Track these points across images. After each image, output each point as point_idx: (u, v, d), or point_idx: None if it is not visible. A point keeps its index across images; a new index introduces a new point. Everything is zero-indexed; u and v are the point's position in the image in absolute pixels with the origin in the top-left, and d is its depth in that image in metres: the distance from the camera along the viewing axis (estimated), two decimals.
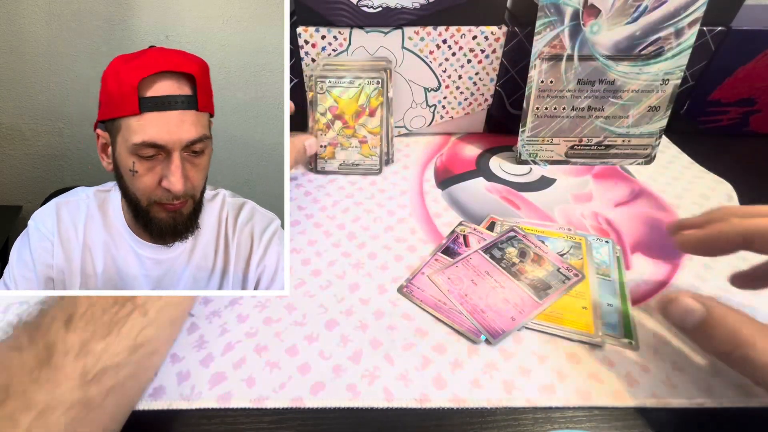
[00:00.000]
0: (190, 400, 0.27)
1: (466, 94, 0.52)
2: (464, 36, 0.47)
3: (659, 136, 0.48)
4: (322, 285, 0.35)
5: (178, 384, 0.28)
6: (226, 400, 0.27)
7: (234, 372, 0.29)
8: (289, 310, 0.33)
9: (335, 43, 0.48)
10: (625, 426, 0.26)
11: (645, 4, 0.41)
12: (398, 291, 0.34)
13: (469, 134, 0.57)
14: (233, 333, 0.31)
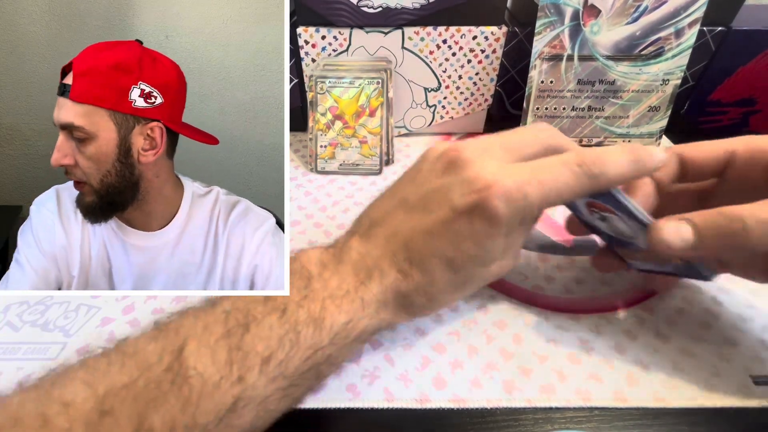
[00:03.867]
0: None
1: (466, 94, 0.52)
2: (464, 36, 0.47)
3: (659, 136, 0.48)
4: None
5: None
6: None
7: None
8: None
9: (335, 44, 0.48)
10: (625, 426, 0.26)
11: (645, 4, 0.41)
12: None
13: (469, 134, 0.57)
14: None
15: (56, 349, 0.30)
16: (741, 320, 0.32)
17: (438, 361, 0.29)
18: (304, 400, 0.25)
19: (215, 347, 0.21)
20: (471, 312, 0.33)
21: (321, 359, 0.23)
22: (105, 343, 0.31)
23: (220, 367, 0.20)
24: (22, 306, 0.33)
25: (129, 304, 0.33)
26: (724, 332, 0.31)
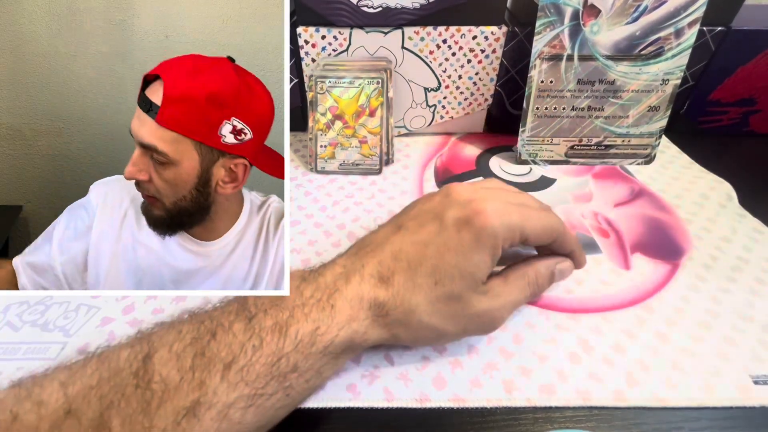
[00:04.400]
0: None
1: (466, 94, 0.52)
2: (464, 36, 0.47)
3: (659, 136, 0.48)
4: None
5: None
6: None
7: None
8: None
9: (335, 43, 0.48)
10: (625, 426, 0.26)
11: (645, 4, 0.41)
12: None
13: (469, 134, 0.57)
14: None
15: (56, 349, 0.30)
16: (741, 320, 0.32)
17: (438, 361, 0.29)
18: (279, 417, 0.24)
19: (182, 354, 0.21)
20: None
21: (286, 368, 0.22)
22: (105, 343, 0.31)
23: (183, 373, 0.21)
24: (22, 306, 0.33)
25: (129, 304, 0.33)
26: (724, 332, 0.31)
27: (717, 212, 0.42)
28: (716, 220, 0.41)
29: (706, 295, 0.34)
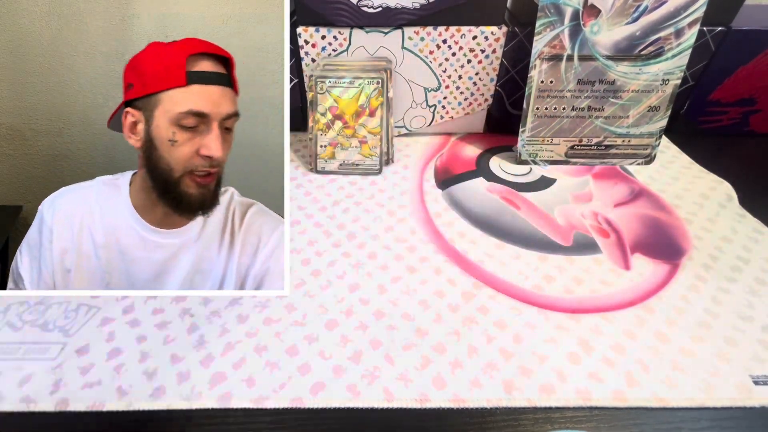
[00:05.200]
0: (190, 400, 0.27)
1: (466, 94, 0.52)
2: (464, 36, 0.47)
3: (659, 136, 0.48)
4: (322, 285, 0.35)
5: (178, 384, 0.28)
6: (226, 400, 0.27)
7: (234, 372, 0.29)
8: (289, 310, 0.33)
9: (335, 43, 0.48)
10: (625, 426, 0.26)
11: (645, 4, 0.41)
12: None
13: (469, 134, 0.57)
14: (233, 333, 0.31)
15: (56, 349, 0.30)
16: (741, 320, 0.32)
17: (438, 361, 0.29)
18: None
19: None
20: (471, 312, 0.33)
21: None
22: (105, 343, 0.31)
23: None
24: (22, 306, 0.33)
25: (129, 304, 0.33)
26: (724, 332, 0.31)
27: (717, 212, 0.42)
28: (716, 220, 0.41)
29: (706, 295, 0.34)
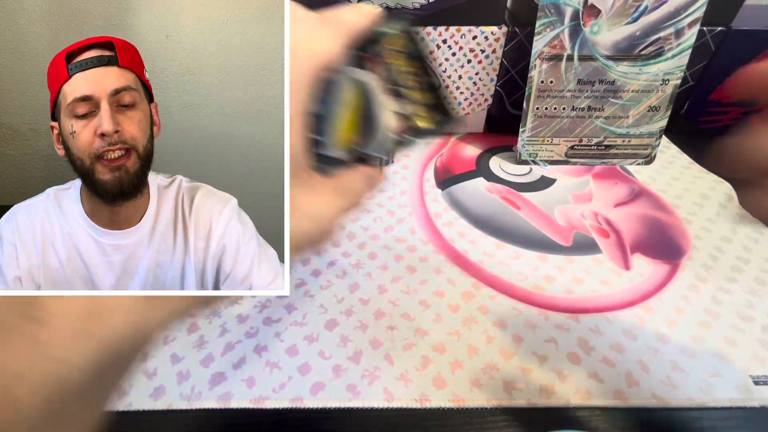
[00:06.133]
0: (190, 400, 0.27)
1: (466, 94, 0.52)
2: (464, 36, 0.47)
3: (659, 136, 0.48)
4: (322, 285, 0.35)
5: (178, 384, 0.28)
6: (226, 400, 0.27)
7: (234, 372, 0.29)
8: (289, 310, 0.33)
9: None
10: (625, 426, 0.26)
11: (645, 4, 0.41)
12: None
13: (469, 134, 0.57)
14: (233, 333, 0.31)
15: None
16: (741, 320, 0.32)
17: (438, 361, 0.29)
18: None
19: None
20: (471, 312, 0.33)
21: None
22: None
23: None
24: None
25: None
26: (724, 332, 0.31)
27: (717, 212, 0.42)
28: (716, 220, 0.41)
29: (706, 295, 0.34)
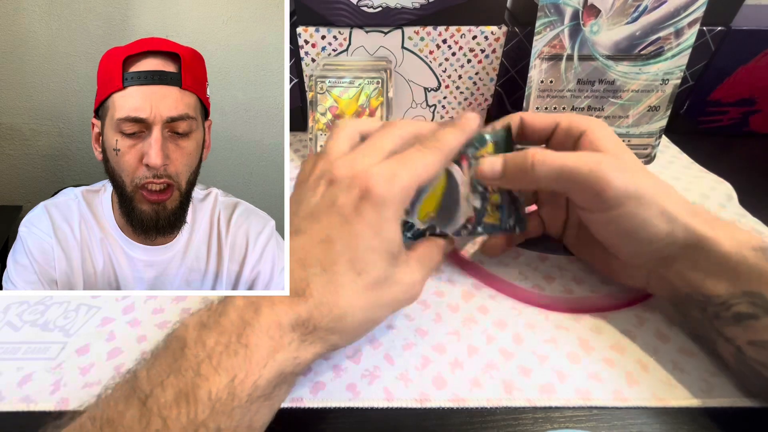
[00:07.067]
0: None
1: (466, 94, 0.52)
2: (464, 36, 0.47)
3: (659, 136, 0.48)
4: None
5: None
6: None
7: None
8: None
9: (335, 43, 0.48)
10: (625, 426, 0.26)
11: (645, 4, 0.41)
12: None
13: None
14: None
15: (56, 348, 0.30)
16: None
17: (438, 361, 0.29)
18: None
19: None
20: (471, 312, 0.33)
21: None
22: (105, 343, 0.31)
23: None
24: (22, 306, 0.33)
25: (129, 304, 0.33)
26: None
27: (717, 212, 0.42)
28: None
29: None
